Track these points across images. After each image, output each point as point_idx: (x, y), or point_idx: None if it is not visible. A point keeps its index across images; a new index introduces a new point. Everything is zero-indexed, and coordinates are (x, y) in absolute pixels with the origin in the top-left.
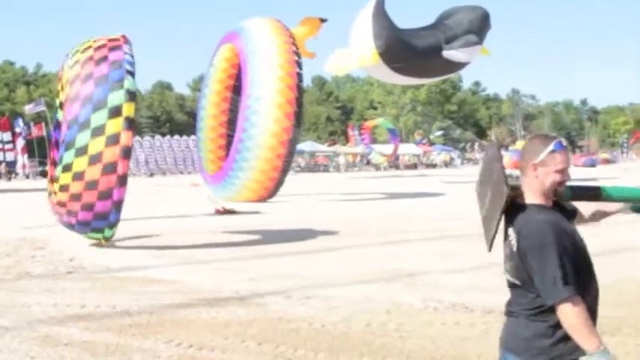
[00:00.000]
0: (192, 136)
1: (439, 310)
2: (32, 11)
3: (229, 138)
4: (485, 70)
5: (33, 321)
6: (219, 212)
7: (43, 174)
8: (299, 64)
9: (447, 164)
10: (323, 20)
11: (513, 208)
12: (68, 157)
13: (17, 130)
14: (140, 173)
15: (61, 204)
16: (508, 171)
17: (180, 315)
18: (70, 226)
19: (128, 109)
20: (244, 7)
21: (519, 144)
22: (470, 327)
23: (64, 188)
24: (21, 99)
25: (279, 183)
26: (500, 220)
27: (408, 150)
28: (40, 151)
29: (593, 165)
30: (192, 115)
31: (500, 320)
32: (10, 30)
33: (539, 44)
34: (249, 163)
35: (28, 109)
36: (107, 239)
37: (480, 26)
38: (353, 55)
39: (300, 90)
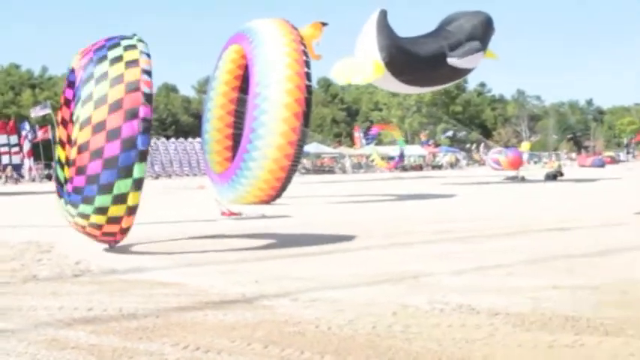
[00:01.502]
0: (198, 139)
1: (445, 311)
2: (37, 14)
3: (236, 138)
4: (490, 71)
5: (39, 324)
6: (225, 215)
7: (49, 177)
8: (307, 64)
9: (452, 165)
10: (324, 24)
11: None
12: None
13: (23, 133)
14: (145, 176)
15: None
16: (511, 173)
17: (187, 318)
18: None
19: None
20: (250, 10)
21: (525, 145)
22: (476, 329)
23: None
24: (26, 102)
25: (286, 183)
26: None
27: (413, 151)
28: (46, 153)
29: (602, 165)
30: (198, 118)
31: (506, 322)
32: (16, 33)
33: (544, 45)
34: (257, 163)
35: (34, 111)
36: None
37: (483, 31)
38: (359, 71)
39: (309, 90)
